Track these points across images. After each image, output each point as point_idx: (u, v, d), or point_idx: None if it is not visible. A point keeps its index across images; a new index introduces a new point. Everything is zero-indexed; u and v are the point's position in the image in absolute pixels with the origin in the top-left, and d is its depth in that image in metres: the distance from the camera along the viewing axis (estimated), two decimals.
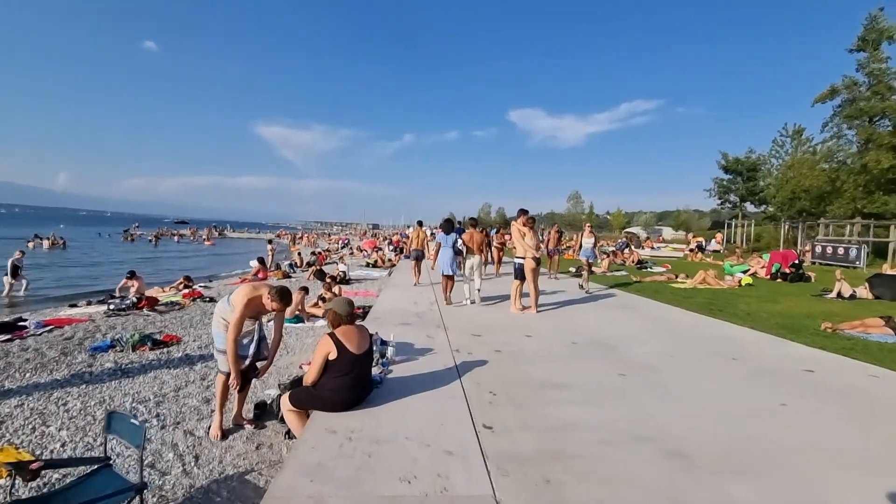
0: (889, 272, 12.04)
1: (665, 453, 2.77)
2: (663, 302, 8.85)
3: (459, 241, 8.22)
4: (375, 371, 4.15)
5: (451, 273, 8.20)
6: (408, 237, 29.91)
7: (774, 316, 7.74)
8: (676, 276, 13.16)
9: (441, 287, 8.45)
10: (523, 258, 7.27)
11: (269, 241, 18.99)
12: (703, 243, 27.22)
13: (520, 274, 7.31)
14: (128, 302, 8.66)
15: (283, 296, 3.58)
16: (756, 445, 2.93)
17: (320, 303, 8.91)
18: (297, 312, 8.06)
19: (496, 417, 3.28)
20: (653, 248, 26.26)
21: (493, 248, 12.20)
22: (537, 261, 7.37)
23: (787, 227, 21.81)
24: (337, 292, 9.27)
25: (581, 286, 10.36)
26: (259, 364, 3.91)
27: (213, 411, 3.92)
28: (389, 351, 4.76)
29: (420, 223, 13.78)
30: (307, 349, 6.29)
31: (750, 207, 28.71)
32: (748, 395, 3.87)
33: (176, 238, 43.50)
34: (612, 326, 6.58)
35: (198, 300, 9.44)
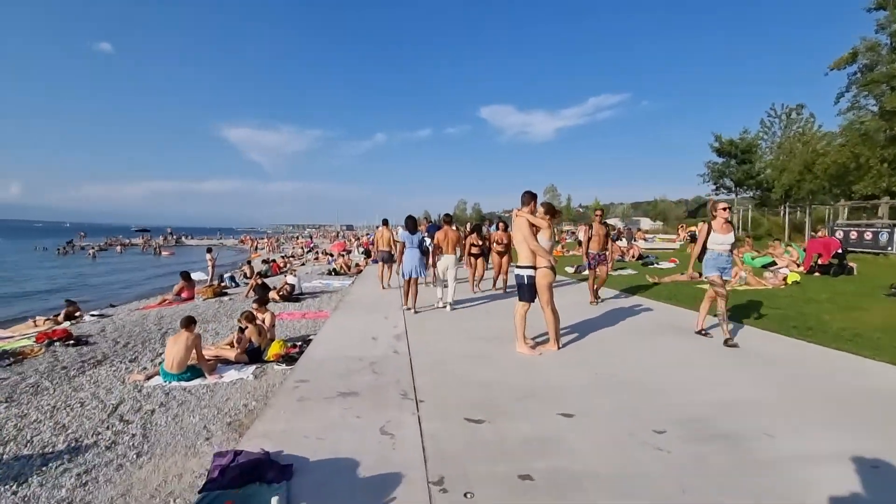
0: None
1: None
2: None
3: (427, 241, 7.46)
4: None
5: (414, 276, 7.21)
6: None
7: (887, 333, 5.42)
8: (700, 275, 10.83)
9: (402, 291, 7.49)
10: (533, 268, 4.70)
11: (209, 250, 15.87)
12: (696, 233, 25.45)
13: (528, 293, 4.72)
14: None
15: None
16: None
17: (235, 341, 6.11)
18: (190, 361, 5.25)
19: None
20: (645, 239, 24.25)
21: (491, 250, 9.33)
22: (554, 271, 4.81)
23: (787, 211, 20.14)
24: (264, 322, 6.48)
25: (594, 299, 7.79)
26: None
27: None
28: None
29: (385, 222, 11.16)
30: (189, 449, 3.53)
31: (739, 193, 27.18)
32: None
33: (119, 249, 39.24)
34: (695, 376, 4.06)
35: (57, 344, 6.46)
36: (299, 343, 6.29)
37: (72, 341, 6.49)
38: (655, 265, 13.78)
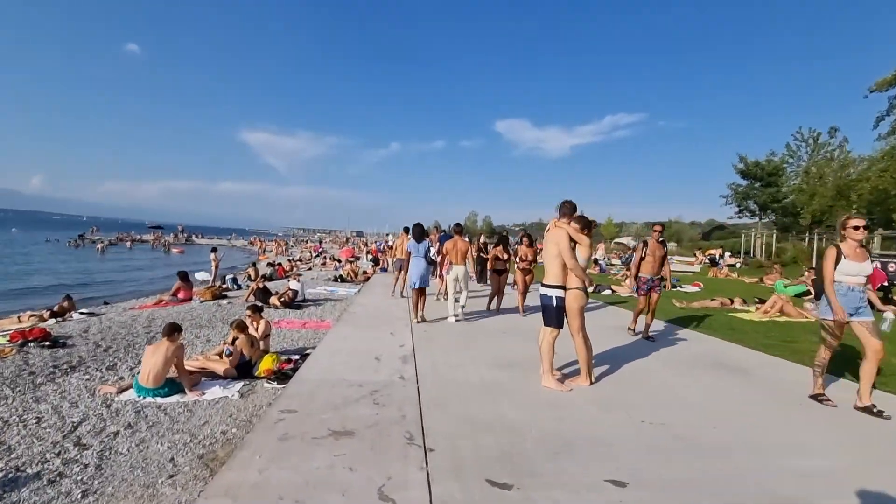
0: None
1: None
2: (771, 354, 5.67)
3: (432, 250, 7.24)
4: None
5: (421, 286, 6.96)
6: (391, 246, 26.58)
7: None
8: (732, 301, 10.05)
9: (412, 302, 7.15)
10: (563, 288, 4.02)
11: (213, 250, 15.41)
12: (717, 257, 24.46)
13: (556, 317, 4.04)
14: None
15: None
16: None
17: (224, 353, 5.50)
18: (168, 374, 4.64)
19: None
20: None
21: (513, 266, 8.35)
22: (587, 294, 4.13)
23: (815, 238, 19.16)
24: (258, 330, 5.86)
25: (635, 328, 6.59)
26: None
27: None
28: None
29: (407, 230, 10.59)
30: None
31: (763, 217, 26.17)
32: None
33: (128, 244, 39.21)
34: (765, 430, 3.33)
35: (31, 344, 5.88)
36: (295, 357, 5.67)
37: (47, 343, 5.92)
38: (679, 289, 12.98)
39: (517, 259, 7.93)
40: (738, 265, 22.54)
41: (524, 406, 3.55)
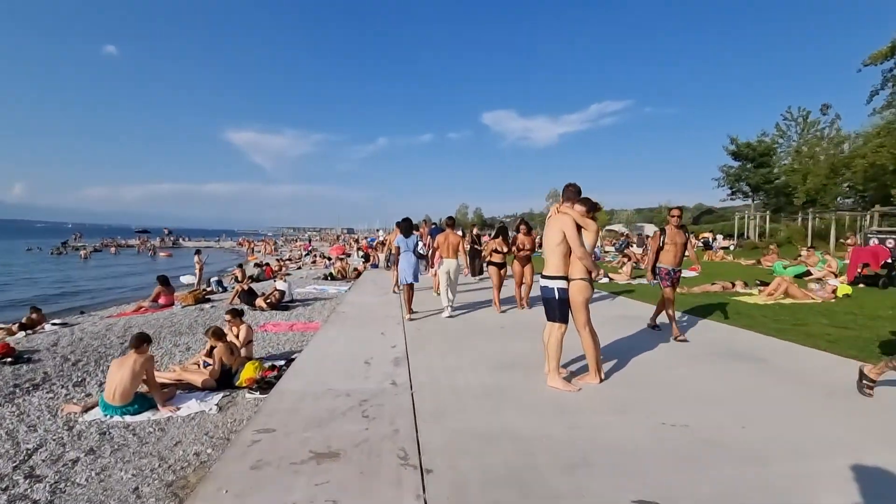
0: None
1: None
2: (784, 339, 5.37)
3: (420, 244, 7.14)
4: None
5: (411, 281, 6.84)
6: (382, 242, 26.05)
7: None
8: (733, 285, 9.80)
9: (403, 299, 6.96)
10: (565, 279, 3.66)
11: (197, 252, 14.87)
12: (710, 240, 24.35)
13: (560, 311, 3.68)
14: None
15: None
16: None
17: (201, 362, 5.08)
18: (139, 389, 4.22)
19: None
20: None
21: (508, 256, 7.74)
22: (592, 285, 3.78)
23: (810, 218, 19.05)
24: (238, 335, 5.45)
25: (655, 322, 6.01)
26: None
27: None
28: None
29: (399, 225, 10.17)
30: None
31: (755, 199, 26.04)
32: None
33: (113, 250, 38.25)
34: (799, 427, 3.00)
35: None
36: (280, 364, 5.27)
37: (9, 358, 5.45)
38: None
39: (514, 248, 7.47)
40: (731, 248, 22.42)
41: (531, 412, 3.19)
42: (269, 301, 9.37)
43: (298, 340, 6.96)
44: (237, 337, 5.38)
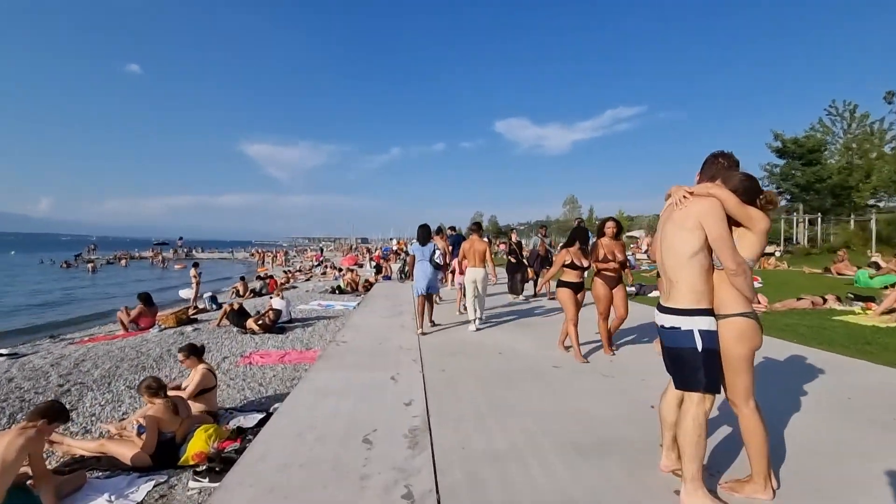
0: None
1: None
2: None
3: (437, 253, 6.43)
4: None
5: (428, 292, 6.35)
6: (395, 252, 24.55)
7: None
8: (824, 300, 7.98)
9: (417, 311, 6.32)
10: (709, 314, 2.05)
11: (195, 265, 13.60)
12: None
13: (707, 370, 2.01)
14: None
15: None
16: None
17: (134, 423, 3.59)
18: (18, 476, 2.73)
19: None
20: None
21: (594, 269, 5.06)
22: (760, 324, 2.14)
23: (873, 219, 16.97)
24: (190, 385, 3.93)
25: None
26: None
27: None
28: None
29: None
30: None
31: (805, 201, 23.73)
32: None
33: (123, 263, 37.64)
34: None
35: None
36: (249, 427, 3.74)
37: None
38: None
39: (595, 261, 4.78)
40: (776, 253, 20.32)
41: None
42: (261, 322, 7.91)
43: (290, 377, 5.47)
44: (185, 388, 3.88)
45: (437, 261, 6.41)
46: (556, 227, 55.00)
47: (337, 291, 13.80)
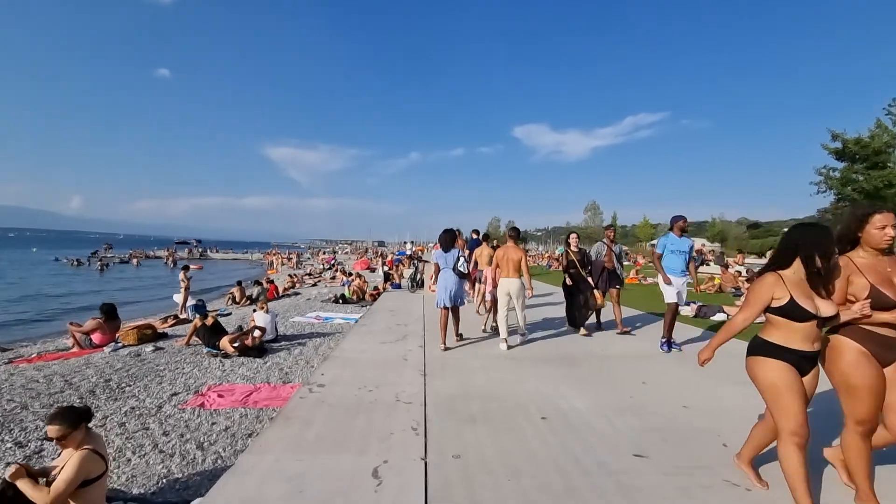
0: None
1: None
2: None
3: (462, 261, 5.57)
4: None
5: (453, 304, 5.55)
6: (409, 256, 23.02)
7: None
8: None
9: (439, 325, 5.52)
10: None
11: (184, 269, 12.30)
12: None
13: None
14: None
15: None
16: None
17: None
18: None
19: None
20: (742, 265, 19.00)
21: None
22: None
23: None
24: (62, 469, 2.43)
25: None
26: None
27: None
28: None
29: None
30: None
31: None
32: None
33: (135, 262, 37.09)
34: None
35: None
36: None
37: None
38: None
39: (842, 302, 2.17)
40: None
41: None
42: (236, 344, 6.43)
43: (247, 430, 3.98)
44: (47, 476, 2.36)
45: (461, 269, 5.63)
46: (582, 232, 52.81)
47: (341, 301, 12.33)
